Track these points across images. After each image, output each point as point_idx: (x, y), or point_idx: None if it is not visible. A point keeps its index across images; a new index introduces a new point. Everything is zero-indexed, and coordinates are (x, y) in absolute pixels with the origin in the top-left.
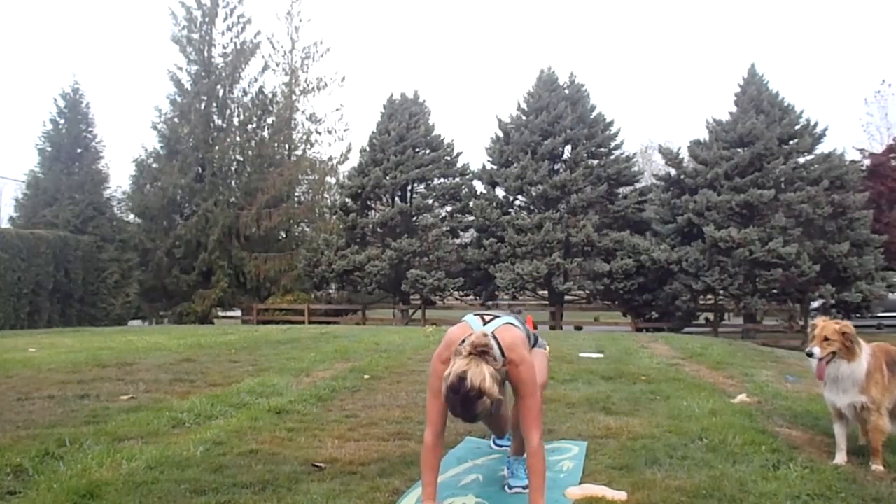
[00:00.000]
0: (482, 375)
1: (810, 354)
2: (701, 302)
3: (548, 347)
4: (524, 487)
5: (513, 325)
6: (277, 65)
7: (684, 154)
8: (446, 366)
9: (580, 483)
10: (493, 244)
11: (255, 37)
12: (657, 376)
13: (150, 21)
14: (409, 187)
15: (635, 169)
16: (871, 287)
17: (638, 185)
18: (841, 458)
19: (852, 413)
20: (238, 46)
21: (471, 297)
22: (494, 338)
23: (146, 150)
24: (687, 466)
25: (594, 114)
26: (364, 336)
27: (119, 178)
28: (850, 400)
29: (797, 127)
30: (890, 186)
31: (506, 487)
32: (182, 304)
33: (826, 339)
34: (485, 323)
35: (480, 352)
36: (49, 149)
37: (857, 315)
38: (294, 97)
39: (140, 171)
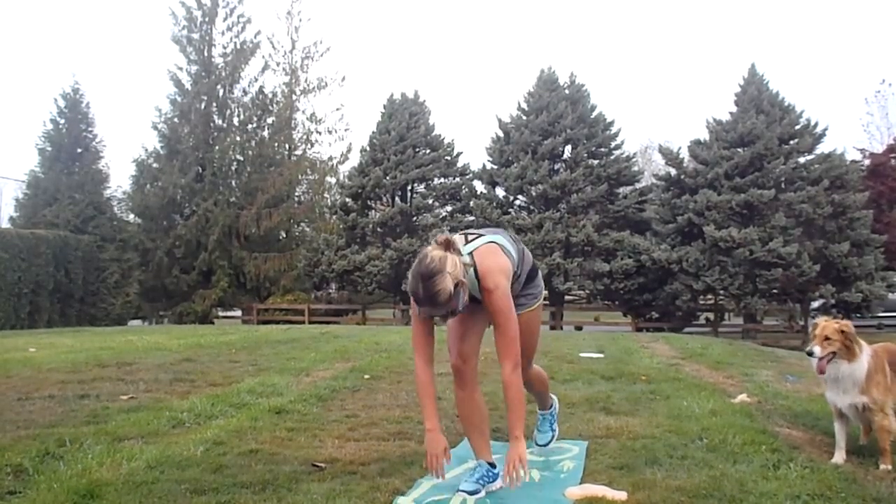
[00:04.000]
0: (443, 255)
1: (810, 354)
2: (701, 302)
3: (544, 293)
4: (547, 442)
5: (498, 244)
6: (277, 65)
7: (684, 154)
8: None
9: (580, 483)
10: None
11: (255, 37)
12: (657, 376)
13: (150, 21)
14: (409, 187)
15: (635, 169)
16: (871, 287)
17: (638, 185)
18: (840, 456)
19: (854, 413)
20: (238, 46)
21: None
22: (472, 258)
23: (146, 150)
24: (687, 466)
25: (594, 114)
26: (364, 336)
27: (119, 178)
28: (851, 400)
29: (797, 127)
30: (890, 186)
31: (533, 443)
32: (182, 304)
33: (826, 338)
34: (466, 243)
35: (444, 242)
36: (49, 149)
37: (858, 315)
38: (294, 97)
39: (140, 171)
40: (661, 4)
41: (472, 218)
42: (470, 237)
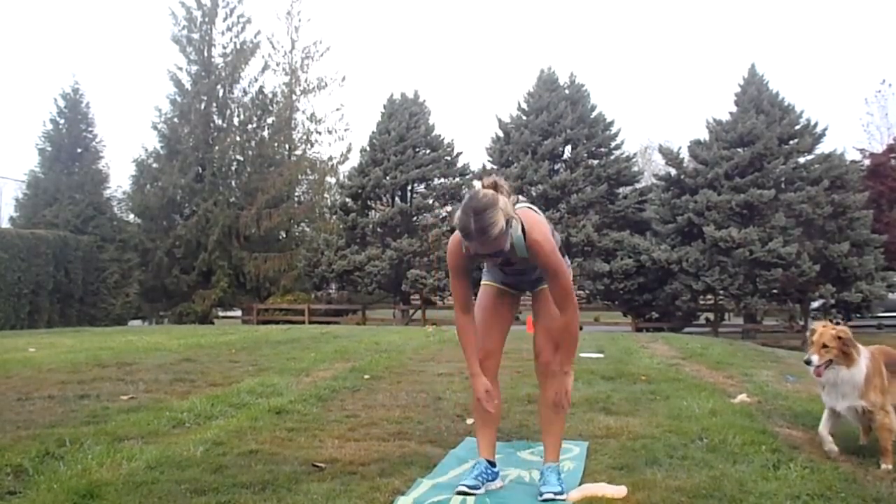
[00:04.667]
0: (492, 193)
1: (808, 363)
2: (701, 302)
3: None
4: (556, 494)
5: (535, 211)
6: (277, 65)
7: (684, 154)
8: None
9: (580, 483)
10: None
11: (255, 37)
12: (657, 376)
13: (150, 21)
14: (409, 187)
15: (635, 169)
16: (871, 287)
17: (638, 185)
18: (833, 447)
19: (853, 416)
20: (238, 46)
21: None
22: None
23: (146, 150)
24: (687, 466)
25: (594, 114)
26: (364, 336)
27: (119, 178)
28: (850, 404)
29: (797, 127)
30: (890, 186)
31: (538, 496)
32: (182, 304)
33: (824, 345)
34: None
35: (492, 184)
36: (49, 149)
37: (858, 315)
38: (294, 97)
39: (140, 171)
40: (660, 4)
41: None
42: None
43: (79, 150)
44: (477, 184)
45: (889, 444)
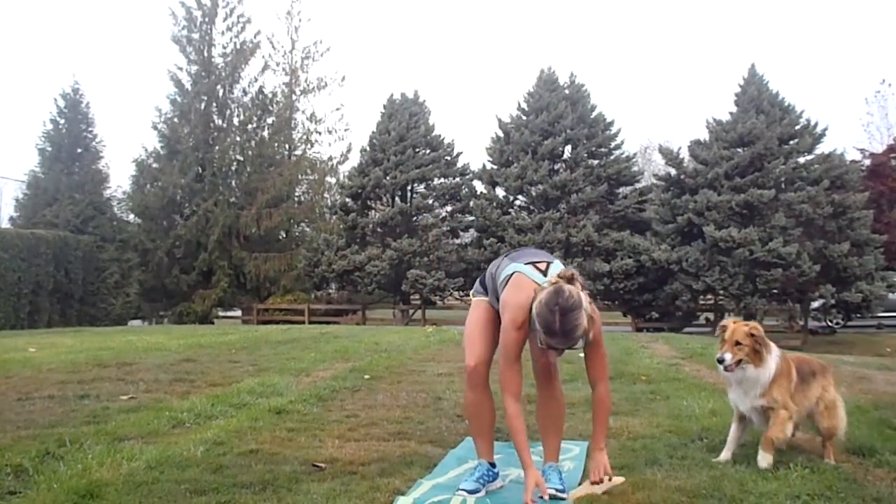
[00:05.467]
0: (578, 290)
1: (720, 361)
2: (701, 302)
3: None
4: (558, 492)
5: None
6: (277, 65)
7: (684, 154)
8: (523, 332)
9: (580, 483)
10: (493, 244)
11: (255, 37)
12: (657, 376)
13: (150, 21)
14: (409, 187)
15: (635, 169)
16: (871, 287)
17: (638, 185)
18: (726, 455)
19: (757, 416)
20: (238, 46)
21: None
22: None
23: (146, 150)
24: (687, 466)
25: (594, 114)
26: (364, 336)
27: (119, 178)
28: (752, 403)
29: (797, 127)
30: (890, 186)
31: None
32: (182, 304)
33: (737, 342)
34: (544, 274)
35: (569, 277)
36: (49, 149)
37: (857, 315)
38: (294, 97)
39: (140, 171)
40: (660, 4)
41: (472, 218)
42: (540, 266)
43: (79, 150)
44: (553, 272)
45: (775, 437)
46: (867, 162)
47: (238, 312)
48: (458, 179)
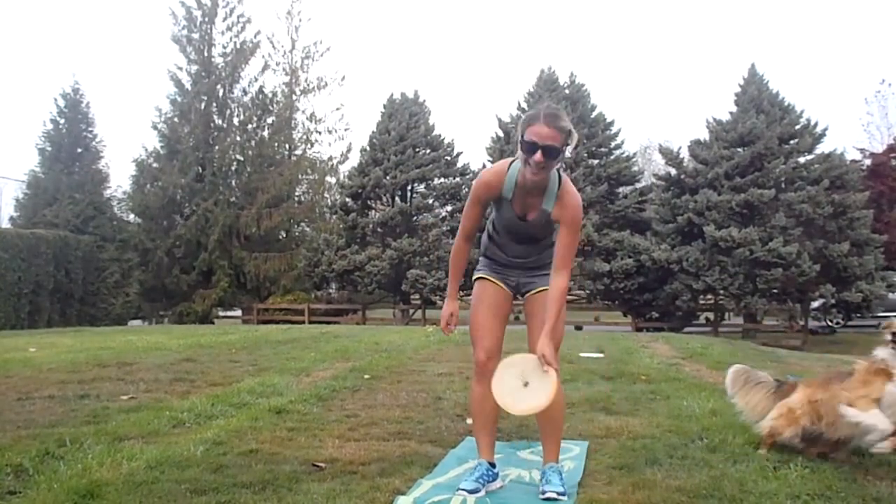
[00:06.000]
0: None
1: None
2: (701, 302)
3: None
4: (559, 494)
5: None
6: (277, 64)
7: (684, 154)
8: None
9: (580, 483)
10: None
11: (255, 36)
12: (657, 376)
13: (150, 21)
14: (409, 187)
15: (635, 169)
16: (871, 287)
17: (638, 185)
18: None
19: None
20: (238, 46)
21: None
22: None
23: (146, 149)
24: (687, 466)
25: (594, 113)
26: (364, 336)
27: (119, 178)
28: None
29: (797, 127)
30: (890, 186)
31: (539, 496)
32: (182, 303)
33: None
34: None
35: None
36: (49, 149)
37: (858, 315)
38: (294, 97)
39: (140, 171)
40: (660, 4)
41: None
42: None
43: (79, 150)
44: None
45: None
46: (867, 162)
47: (238, 312)
48: (458, 179)
